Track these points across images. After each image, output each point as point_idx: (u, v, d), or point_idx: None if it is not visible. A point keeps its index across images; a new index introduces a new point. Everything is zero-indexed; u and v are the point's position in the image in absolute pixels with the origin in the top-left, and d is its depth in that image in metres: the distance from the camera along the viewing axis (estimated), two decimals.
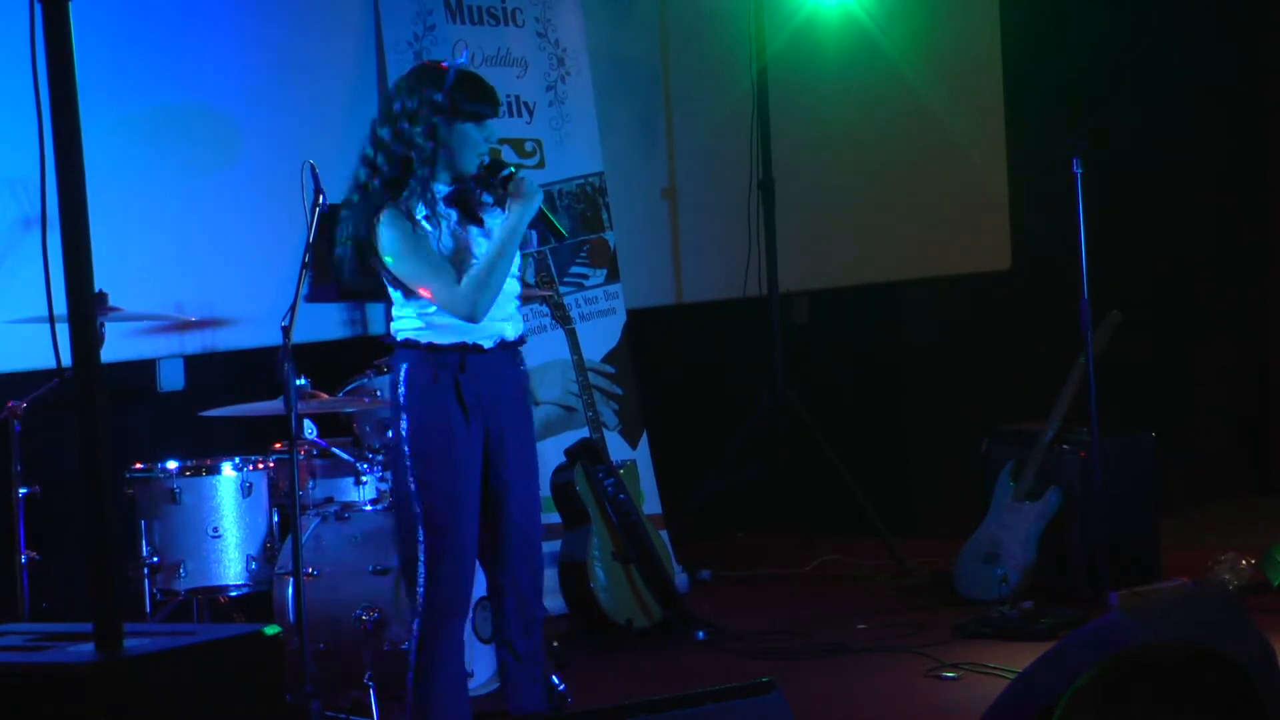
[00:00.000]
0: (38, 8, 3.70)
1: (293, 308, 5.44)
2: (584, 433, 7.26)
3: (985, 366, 9.76)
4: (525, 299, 5.41)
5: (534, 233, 7.78)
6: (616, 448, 7.61)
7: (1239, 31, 10.69)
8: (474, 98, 5.10)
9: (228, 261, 6.99)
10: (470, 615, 5.82)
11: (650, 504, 7.67)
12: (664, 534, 7.59)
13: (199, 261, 6.93)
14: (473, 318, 5.03)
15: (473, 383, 5.09)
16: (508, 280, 5.14)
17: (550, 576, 7.24)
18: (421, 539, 5.10)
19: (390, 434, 5.22)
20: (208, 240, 6.94)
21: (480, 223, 5.13)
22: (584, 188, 7.93)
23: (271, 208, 6.93)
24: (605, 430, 7.37)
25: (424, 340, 5.09)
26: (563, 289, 7.50)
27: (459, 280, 5.02)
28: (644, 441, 7.98)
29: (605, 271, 7.96)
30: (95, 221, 3.73)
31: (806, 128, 9.06)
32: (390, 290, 5.16)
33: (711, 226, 8.74)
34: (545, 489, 7.28)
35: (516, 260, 5.18)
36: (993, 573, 7.44)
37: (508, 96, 7.74)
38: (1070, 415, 7.48)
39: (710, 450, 8.57)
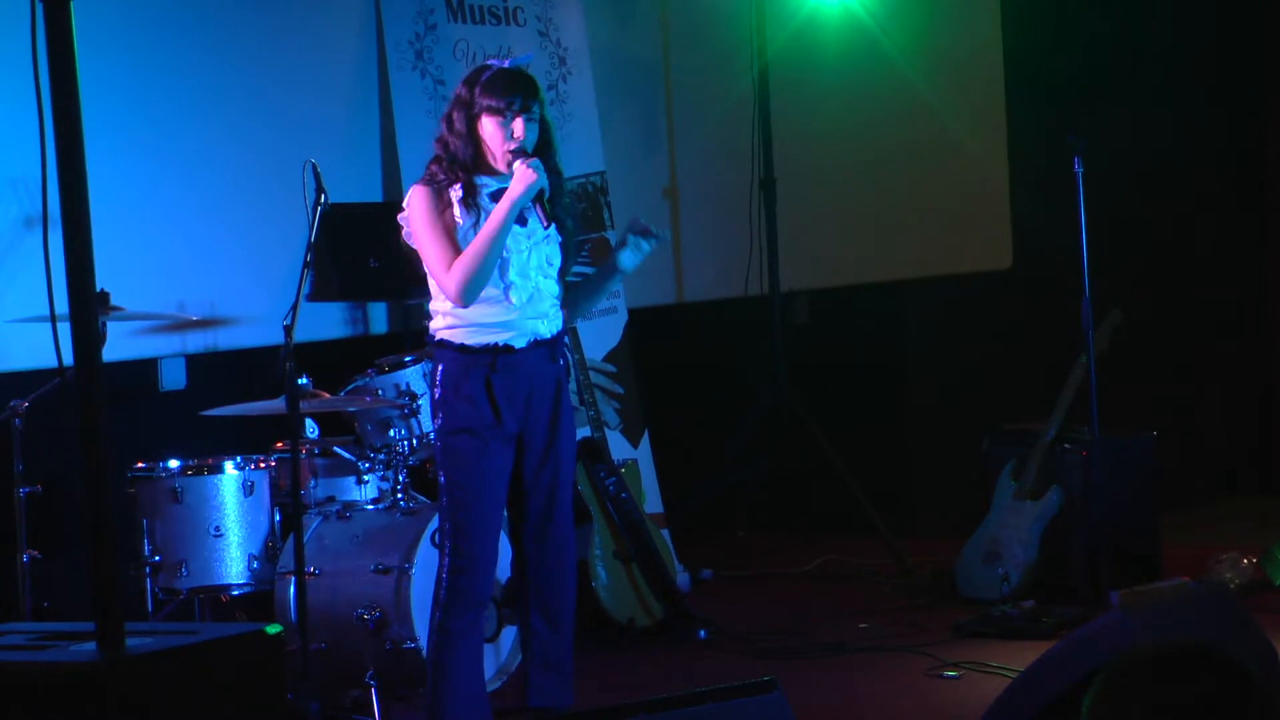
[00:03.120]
0: (39, 8, 3.70)
1: (294, 307, 5.44)
2: (585, 432, 7.26)
3: (985, 366, 9.76)
4: None
5: None
6: (618, 447, 7.62)
7: (1240, 30, 10.68)
8: (490, 91, 5.20)
9: (229, 261, 6.99)
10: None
11: (651, 503, 7.67)
12: (665, 533, 7.59)
13: (201, 261, 6.93)
14: (458, 300, 5.13)
15: (505, 383, 5.19)
16: (545, 280, 5.25)
17: None
18: (446, 530, 5.24)
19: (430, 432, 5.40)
20: (209, 239, 6.94)
21: (524, 221, 5.21)
22: (585, 187, 7.94)
23: (273, 207, 6.93)
24: (606, 429, 7.38)
25: (457, 340, 5.21)
26: None
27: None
28: (645, 441, 7.99)
29: None
30: (97, 221, 3.73)
31: (807, 127, 9.06)
32: (430, 284, 5.27)
33: (712, 226, 8.74)
34: None
35: (557, 260, 5.29)
36: (994, 572, 7.45)
37: None
38: (1071, 414, 7.48)
39: (711, 449, 8.57)
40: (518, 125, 5.20)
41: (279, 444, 6.26)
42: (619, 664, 6.81)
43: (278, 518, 6.21)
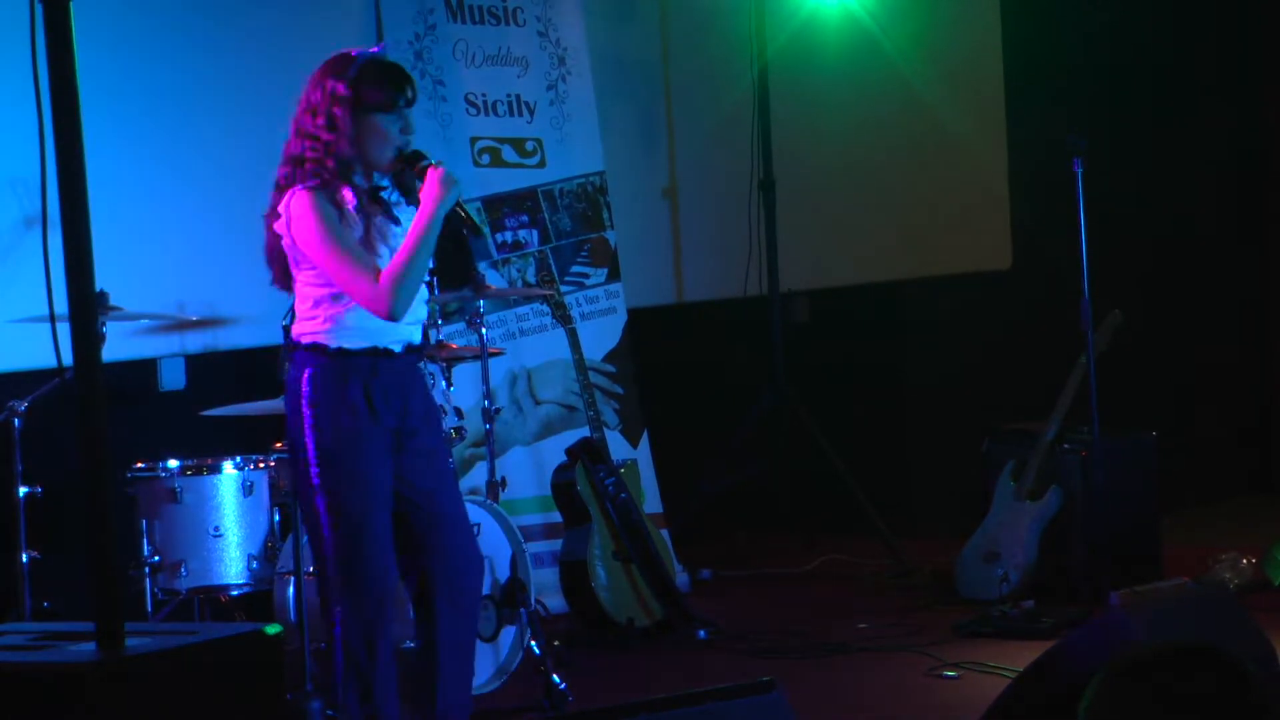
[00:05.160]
0: (39, 8, 3.70)
1: (293, 307, 5.43)
2: (585, 432, 7.26)
3: (985, 366, 9.75)
4: (526, 297, 5.32)
5: (535, 231, 7.82)
6: (617, 447, 7.61)
7: (1240, 28, 10.68)
8: (378, 84, 4.92)
9: (229, 260, 6.98)
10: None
11: (651, 503, 7.67)
12: (665, 533, 7.59)
13: (200, 261, 6.93)
14: (392, 316, 4.87)
15: (383, 387, 4.96)
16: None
17: (551, 575, 7.25)
18: (330, 542, 4.92)
19: (288, 437, 5.05)
20: (209, 239, 6.94)
21: (397, 220, 4.98)
22: (584, 187, 7.94)
23: None
24: (606, 429, 7.37)
25: (333, 345, 4.94)
26: (563, 288, 7.50)
27: (377, 276, 4.85)
28: (645, 441, 7.99)
29: (606, 271, 7.96)
30: (96, 221, 3.73)
31: (807, 127, 9.06)
32: (300, 286, 4.98)
33: (712, 226, 8.74)
34: (546, 489, 7.31)
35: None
36: (993, 572, 7.45)
37: (509, 96, 7.75)
38: (1071, 415, 7.48)
39: (711, 450, 8.57)
40: (410, 122, 4.95)
41: (278, 444, 6.26)
42: (619, 664, 6.81)
43: (277, 518, 6.21)
